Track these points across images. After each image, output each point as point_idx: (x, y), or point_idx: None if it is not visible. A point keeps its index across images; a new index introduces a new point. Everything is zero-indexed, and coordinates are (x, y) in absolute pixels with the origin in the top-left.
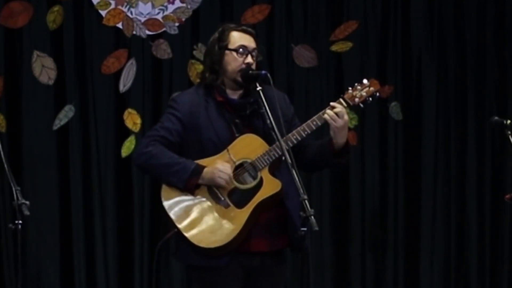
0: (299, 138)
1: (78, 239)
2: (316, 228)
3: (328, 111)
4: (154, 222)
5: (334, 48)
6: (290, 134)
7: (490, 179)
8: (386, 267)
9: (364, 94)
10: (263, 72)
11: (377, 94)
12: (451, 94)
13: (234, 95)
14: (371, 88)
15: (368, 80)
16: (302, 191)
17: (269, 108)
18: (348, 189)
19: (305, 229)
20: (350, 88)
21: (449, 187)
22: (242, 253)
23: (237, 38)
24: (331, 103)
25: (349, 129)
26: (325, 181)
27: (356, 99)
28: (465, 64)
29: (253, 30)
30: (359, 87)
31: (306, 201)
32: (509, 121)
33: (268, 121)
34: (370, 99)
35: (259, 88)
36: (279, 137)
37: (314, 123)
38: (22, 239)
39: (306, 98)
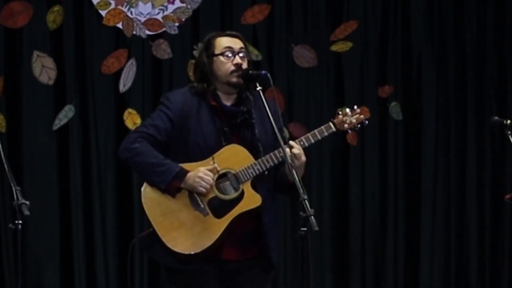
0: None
1: (78, 239)
2: (316, 228)
3: (287, 150)
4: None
5: (334, 48)
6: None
7: (490, 179)
8: (386, 267)
9: (354, 121)
10: (263, 72)
11: (367, 121)
12: (451, 94)
13: (227, 101)
14: (361, 116)
15: (359, 107)
16: (302, 191)
17: (261, 116)
18: (348, 189)
19: (305, 229)
20: (340, 113)
21: (449, 187)
22: (213, 260)
23: (222, 42)
24: (290, 142)
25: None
26: (325, 181)
27: (346, 125)
28: (465, 64)
29: (238, 34)
30: (349, 113)
31: (306, 201)
32: (509, 121)
33: (271, 125)
34: (359, 126)
35: (259, 88)
36: (281, 141)
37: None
38: (22, 239)
39: (306, 98)
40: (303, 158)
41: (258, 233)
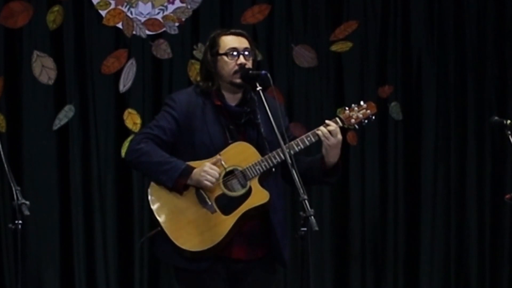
0: (292, 152)
1: (78, 239)
2: (316, 228)
3: (322, 128)
4: (154, 222)
5: (334, 48)
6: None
7: (490, 179)
8: (386, 268)
9: (360, 116)
10: (263, 72)
11: (373, 117)
12: (451, 94)
13: (232, 100)
14: (368, 111)
15: (365, 102)
16: (302, 191)
17: (267, 115)
18: (348, 189)
19: (305, 229)
20: (347, 108)
21: (449, 187)
22: (222, 258)
23: (227, 41)
24: (326, 121)
25: (349, 129)
26: None
27: (352, 120)
28: (465, 64)
29: (243, 32)
30: (356, 108)
31: (306, 201)
32: (509, 121)
33: (271, 125)
34: (366, 121)
35: (259, 88)
36: (280, 138)
37: (308, 138)
38: (22, 239)
39: (306, 98)
40: (339, 136)
41: (267, 233)
